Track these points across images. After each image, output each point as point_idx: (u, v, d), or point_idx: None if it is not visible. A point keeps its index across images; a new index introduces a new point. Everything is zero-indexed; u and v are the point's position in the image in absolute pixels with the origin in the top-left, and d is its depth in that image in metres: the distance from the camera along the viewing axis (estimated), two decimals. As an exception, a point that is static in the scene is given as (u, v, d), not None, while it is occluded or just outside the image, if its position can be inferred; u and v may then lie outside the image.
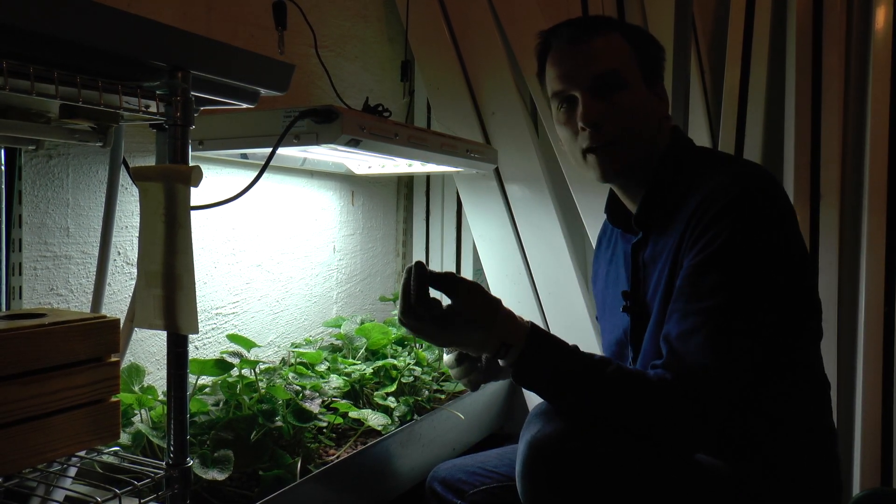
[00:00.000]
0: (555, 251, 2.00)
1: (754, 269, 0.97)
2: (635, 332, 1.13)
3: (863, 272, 1.80)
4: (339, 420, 1.42)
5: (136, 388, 1.25)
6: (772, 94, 1.94)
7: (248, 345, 1.42)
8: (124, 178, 1.21)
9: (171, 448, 0.93)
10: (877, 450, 1.78)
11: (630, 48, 1.10)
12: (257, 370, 1.36)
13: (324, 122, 1.24)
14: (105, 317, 0.89)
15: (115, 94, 0.86)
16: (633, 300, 1.14)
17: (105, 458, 0.99)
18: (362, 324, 1.77)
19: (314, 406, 1.32)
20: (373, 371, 1.59)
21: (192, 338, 1.08)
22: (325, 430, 1.41)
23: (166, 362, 0.95)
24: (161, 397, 1.24)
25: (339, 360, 1.62)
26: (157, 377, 1.43)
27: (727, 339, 0.96)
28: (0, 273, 1.15)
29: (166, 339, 0.95)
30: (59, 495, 0.98)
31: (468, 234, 2.22)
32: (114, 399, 0.90)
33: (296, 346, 1.71)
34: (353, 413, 1.40)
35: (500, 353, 1.02)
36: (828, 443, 1.08)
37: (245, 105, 1.07)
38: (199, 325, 0.95)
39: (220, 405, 1.33)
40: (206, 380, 1.40)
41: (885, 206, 1.79)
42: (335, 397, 1.46)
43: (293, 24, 1.67)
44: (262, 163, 1.17)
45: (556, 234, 1.99)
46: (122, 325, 0.94)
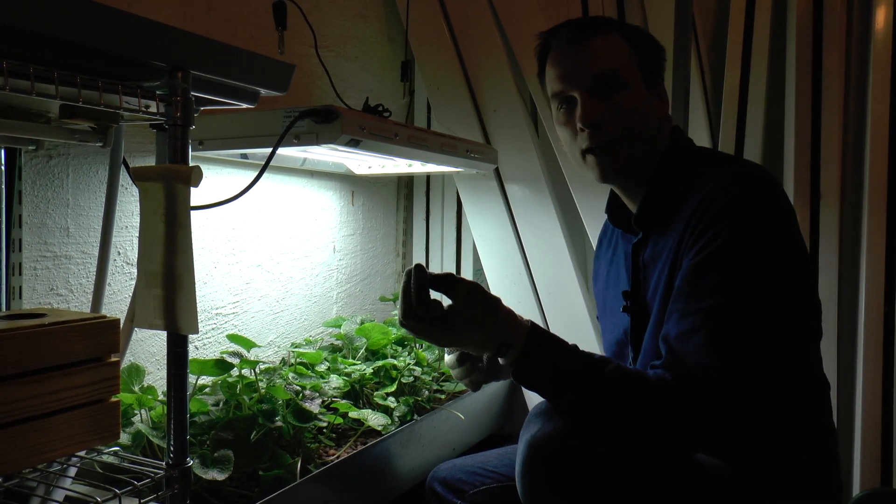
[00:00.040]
0: (555, 251, 2.00)
1: (754, 269, 0.97)
2: (635, 331, 1.13)
3: (863, 272, 1.80)
4: (339, 420, 1.42)
5: (136, 388, 1.25)
6: (772, 94, 1.94)
7: (248, 345, 1.42)
8: (124, 178, 1.21)
9: (171, 448, 0.93)
10: (877, 450, 1.78)
11: (630, 49, 1.10)
12: (257, 370, 1.36)
13: (324, 122, 1.24)
14: (105, 317, 0.89)
15: (115, 94, 0.86)
16: (634, 300, 1.14)
17: (105, 458, 0.99)
18: (362, 324, 1.77)
19: (314, 406, 1.32)
20: (373, 371, 1.59)
21: (192, 338, 1.08)
22: (325, 430, 1.41)
23: (166, 362, 0.95)
24: (161, 397, 1.24)
25: (339, 360, 1.62)
26: (157, 377, 1.43)
27: (726, 340, 0.96)
28: (0, 273, 1.15)
29: (166, 339, 0.95)
30: (59, 495, 0.98)
31: (468, 234, 2.22)
32: (114, 399, 0.90)
33: (296, 346, 1.71)
34: (353, 413, 1.40)
35: (501, 352, 1.02)
36: (828, 443, 1.08)
37: (245, 105, 1.07)
38: (199, 325, 0.95)
39: (220, 405, 1.33)
40: (206, 380, 1.40)
41: (885, 206, 1.79)
42: (335, 397, 1.46)
43: (293, 24, 1.67)
44: (262, 163, 1.17)
45: (556, 234, 1.99)
46: (122, 325, 0.94)
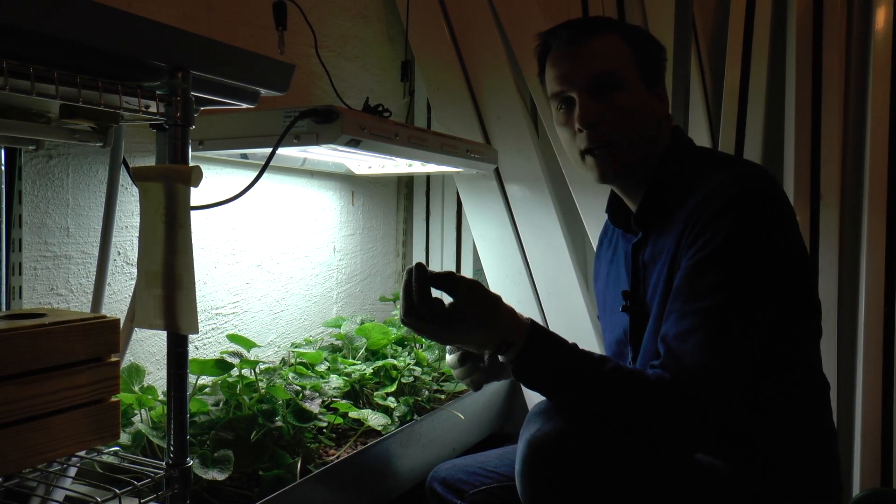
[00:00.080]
0: (555, 251, 2.00)
1: (752, 269, 0.97)
2: (635, 331, 1.13)
3: (863, 272, 1.80)
4: (339, 420, 1.42)
5: (136, 388, 1.25)
6: (772, 94, 1.94)
7: (248, 345, 1.42)
8: (124, 178, 1.21)
9: (171, 448, 0.93)
10: (877, 450, 1.78)
11: (629, 49, 1.10)
12: (257, 370, 1.36)
13: (324, 123, 1.24)
14: (105, 317, 0.89)
15: (115, 94, 0.86)
16: (633, 300, 1.14)
17: (105, 458, 0.99)
18: (362, 324, 1.77)
19: (314, 406, 1.32)
20: (373, 371, 1.59)
21: (192, 338, 1.08)
22: (325, 430, 1.41)
23: (166, 362, 0.95)
24: (161, 397, 1.24)
25: (339, 360, 1.62)
26: (157, 377, 1.43)
27: (725, 339, 0.96)
28: (0, 273, 1.15)
29: (166, 339, 0.95)
30: (59, 495, 0.98)
31: (468, 234, 2.22)
32: (114, 399, 0.90)
33: (296, 346, 1.71)
34: (353, 413, 1.40)
35: (501, 349, 1.02)
36: (828, 443, 1.08)
37: (245, 105, 1.07)
38: (199, 325, 0.95)
39: (220, 405, 1.33)
40: (206, 380, 1.40)
41: (885, 206, 1.79)
42: (335, 397, 1.46)
43: (293, 24, 1.67)
44: (262, 163, 1.17)
45: (556, 234, 1.99)
46: (122, 325, 0.94)
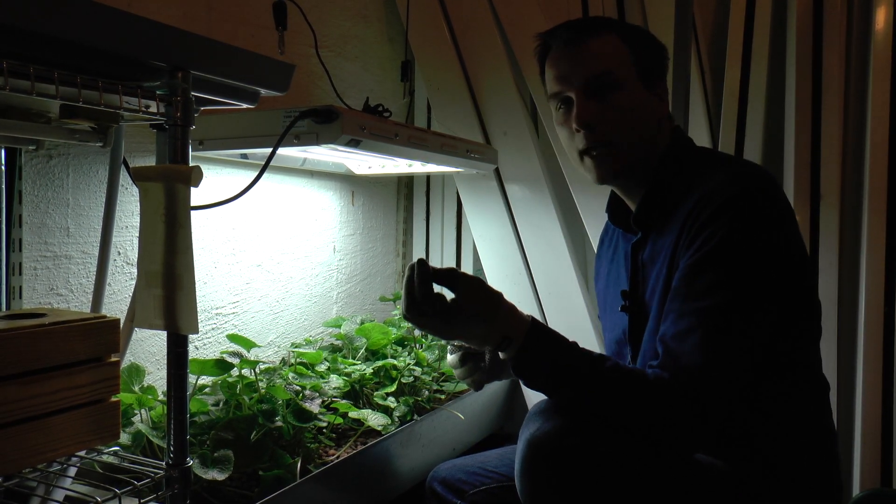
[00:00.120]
0: (555, 251, 2.00)
1: (751, 269, 0.97)
2: (633, 331, 1.14)
3: (863, 272, 1.80)
4: (339, 420, 1.42)
5: (136, 388, 1.25)
6: (772, 94, 1.94)
7: (248, 345, 1.42)
8: (124, 178, 1.21)
9: (171, 448, 0.93)
10: (877, 450, 1.78)
11: (627, 49, 1.10)
12: (257, 370, 1.36)
13: (324, 123, 1.24)
14: (105, 317, 0.89)
15: (115, 95, 0.86)
16: (632, 300, 1.14)
17: (105, 458, 0.99)
18: (362, 324, 1.77)
19: (314, 406, 1.32)
20: (373, 371, 1.59)
21: (192, 338, 1.08)
22: (325, 430, 1.41)
23: (166, 362, 0.95)
24: (161, 397, 1.24)
25: (339, 360, 1.62)
26: (157, 377, 1.43)
27: (722, 339, 0.96)
28: (0, 273, 1.15)
29: (166, 339, 0.95)
30: (59, 495, 0.98)
31: (468, 234, 2.22)
32: (114, 399, 0.90)
33: (296, 346, 1.71)
34: (353, 413, 1.40)
35: (502, 346, 1.02)
36: (828, 443, 1.08)
37: (245, 105, 1.07)
38: (199, 325, 0.95)
39: (220, 405, 1.33)
40: (206, 380, 1.40)
41: (885, 206, 1.79)
42: (335, 397, 1.46)
43: (293, 24, 1.67)
44: (263, 163, 1.17)
45: (556, 234, 1.99)
46: (122, 325, 0.94)
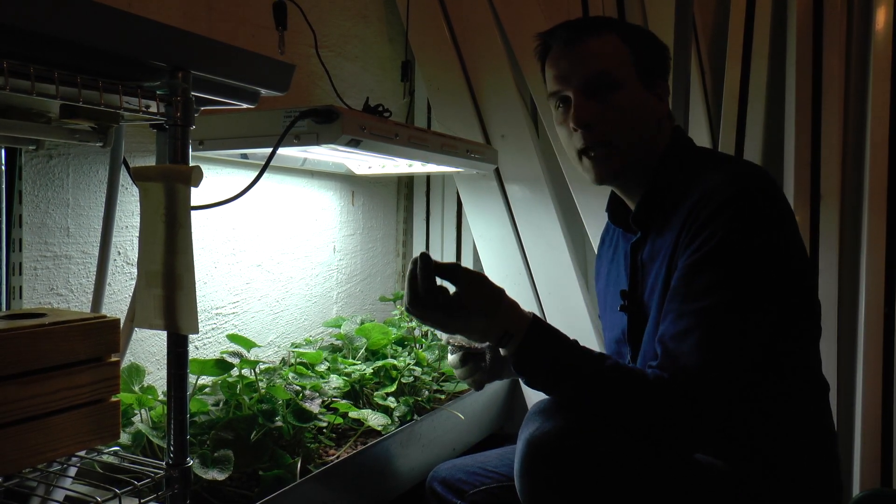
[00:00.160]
0: (555, 251, 2.00)
1: (749, 269, 0.97)
2: (632, 331, 1.14)
3: (863, 273, 1.80)
4: (339, 420, 1.42)
5: (136, 388, 1.25)
6: (772, 94, 1.94)
7: (248, 345, 1.42)
8: (124, 178, 1.21)
9: (171, 448, 0.93)
10: (877, 450, 1.78)
11: (627, 48, 1.10)
12: (257, 370, 1.36)
13: (324, 123, 1.24)
14: (105, 317, 0.89)
15: (115, 95, 0.86)
16: (631, 299, 1.14)
17: (105, 458, 0.99)
18: (362, 324, 1.77)
19: (314, 406, 1.32)
20: (373, 371, 1.59)
21: (192, 338, 1.08)
22: (325, 430, 1.41)
23: (166, 362, 0.95)
24: (161, 397, 1.24)
25: (339, 360, 1.62)
26: (157, 377, 1.43)
27: (721, 340, 0.96)
28: (0, 273, 1.15)
29: (166, 339, 0.95)
30: (59, 495, 0.98)
31: (468, 234, 2.22)
32: (114, 399, 0.90)
33: (296, 346, 1.71)
34: (353, 413, 1.40)
35: (503, 341, 1.02)
36: (827, 443, 1.08)
37: (245, 105, 1.07)
38: (199, 325, 0.95)
39: (220, 405, 1.33)
40: (206, 380, 1.40)
41: (885, 206, 1.79)
42: (335, 397, 1.46)
43: (294, 24, 1.67)
44: (263, 163, 1.17)
45: (556, 234, 1.99)
46: (122, 324, 0.94)
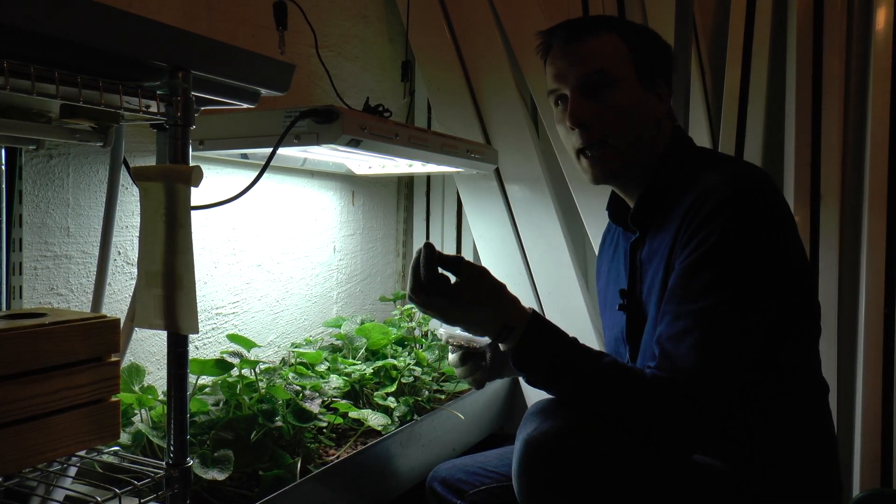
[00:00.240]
0: (555, 251, 2.00)
1: (747, 269, 0.97)
2: (631, 330, 1.14)
3: (863, 273, 1.80)
4: (339, 420, 1.42)
5: (136, 388, 1.25)
6: (772, 95, 1.94)
7: (248, 345, 1.42)
8: (125, 178, 1.21)
9: (171, 448, 0.93)
10: (877, 451, 1.78)
11: (626, 48, 1.10)
12: (257, 370, 1.36)
13: (324, 123, 1.24)
14: (105, 317, 0.89)
15: (115, 94, 0.86)
16: (630, 298, 1.14)
17: (105, 457, 0.99)
18: (362, 324, 1.77)
19: (314, 406, 1.32)
20: (373, 371, 1.59)
21: (192, 338, 1.08)
22: (325, 430, 1.41)
23: (166, 362, 0.95)
24: (161, 397, 1.24)
25: (339, 360, 1.62)
26: (157, 377, 1.43)
27: (718, 341, 0.96)
28: (0, 273, 1.15)
29: (166, 339, 0.95)
30: (59, 495, 0.98)
31: (468, 234, 2.22)
32: (114, 399, 0.90)
33: (296, 346, 1.71)
34: (353, 413, 1.40)
35: (503, 335, 1.02)
36: (827, 444, 1.08)
37: (246, 105, 1.07)
38: (199, 325, 0.95)
39: (220, 405, 1.33)
40: (206, 380, 1.40)
41: (885, 206, 1.79)
42: (335, 397, 1.46)
43: (294, 24, 1.67)
44: (263, 163, 1.17)
45: (556, 234, 1.99)
46: (122, 324, 0.94)
